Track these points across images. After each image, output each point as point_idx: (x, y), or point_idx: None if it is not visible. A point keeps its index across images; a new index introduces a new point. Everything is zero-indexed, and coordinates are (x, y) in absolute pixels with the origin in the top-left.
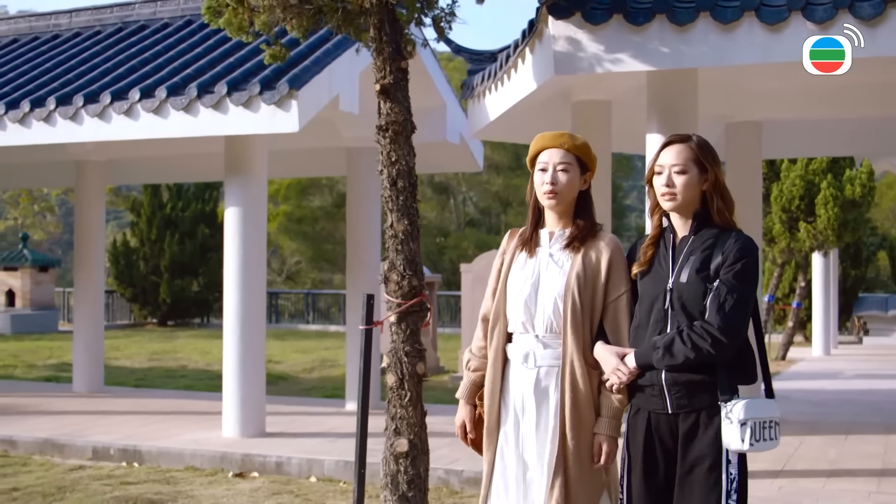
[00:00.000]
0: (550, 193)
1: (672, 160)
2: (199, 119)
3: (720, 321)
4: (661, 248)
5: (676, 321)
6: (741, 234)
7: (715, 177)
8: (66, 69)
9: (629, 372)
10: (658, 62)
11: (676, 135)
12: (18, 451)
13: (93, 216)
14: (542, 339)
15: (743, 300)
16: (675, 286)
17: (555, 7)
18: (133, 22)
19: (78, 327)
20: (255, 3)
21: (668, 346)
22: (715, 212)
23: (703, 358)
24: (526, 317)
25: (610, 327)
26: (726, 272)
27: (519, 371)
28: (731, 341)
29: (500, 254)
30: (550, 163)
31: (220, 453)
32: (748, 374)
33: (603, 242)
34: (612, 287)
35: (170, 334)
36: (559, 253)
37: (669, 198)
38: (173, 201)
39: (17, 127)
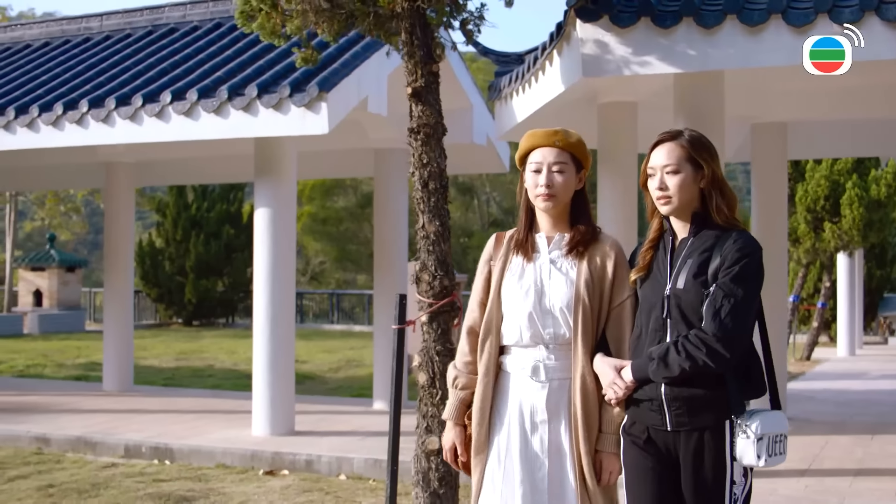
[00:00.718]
0: (546, 196)
1: (663, 160)
2: (229, 121)
3: (716, 329)
4: (661, 251)
5: (676, 330)
6: (742, 233)
7: (712, 173)
8: (98, 72)
9: (626, 386)
10: (685, 64)
11: (665, 133)
12: (52, 448)
13: (122, 217)
14: (553, 350)
15: (741, 305)
16: (672, 292)
17: (583, 10)
18: (163, 25)
19: (108, 327)
20: (287, 7)
21: (662, 357)
22: (714, 210)
23: (699, 369)
24: (532, 328)
25: (612, 335)
26: (724, 275)
27: (526, 386)
28: (729, 351)
29: (485, 261)
30: (545, 163)
31: (250, 451)
32: (756, 387)
33: (606, 246)
34: (616, 292)
35: (195, 334)
36: (562, 259)
37: (665, 201)
38: (199, 202)
39: (50, 129)
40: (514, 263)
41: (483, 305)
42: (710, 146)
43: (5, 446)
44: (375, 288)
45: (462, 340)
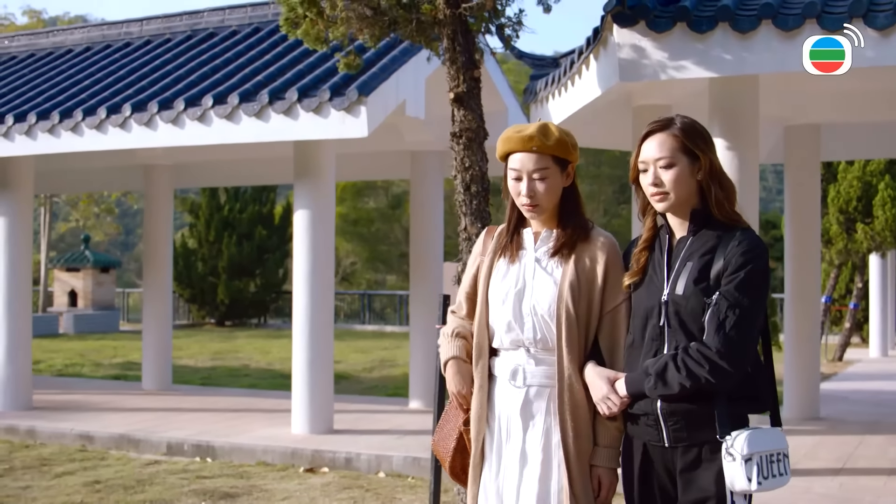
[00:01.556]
0: (529, 207)
1: (656, 153)
2: (270, 124)
3: (720, 344)
4: (656, 252)
5: (674, 340)
6: (747, 232)
7: (710, 163)
8: (140, 76)
9: (619, 401)
10: (721, 69)
11: (656, 122)
12: (96, 445)
13: (160, 219)
14: (534, 355)
15: (747, 317)
16: (670, 298)
17: (620, 16)
18: (202, 30)
19: (146, 327)
20: (331, 14)
21: (660, 373)
22: (714, 204)
23: (701, 387)
24: (513, 332)
25: (606, 342)
26: (728, 282)
27: (505, 390)
28: (734, 367)
29: (476, 254)
30: (524, 171)
31: (290, 449)
32: (759, 400)
33: (597, 244)
34: (609, 296)
35: (228, 334)
36: (547, 259)
37: (660, 198)
38: (231, 203)
39: (94, 133)
40: (500, 263)
41: (469, 298)
42: (705, 133)
43: (50, 443)
44: (411, 289)
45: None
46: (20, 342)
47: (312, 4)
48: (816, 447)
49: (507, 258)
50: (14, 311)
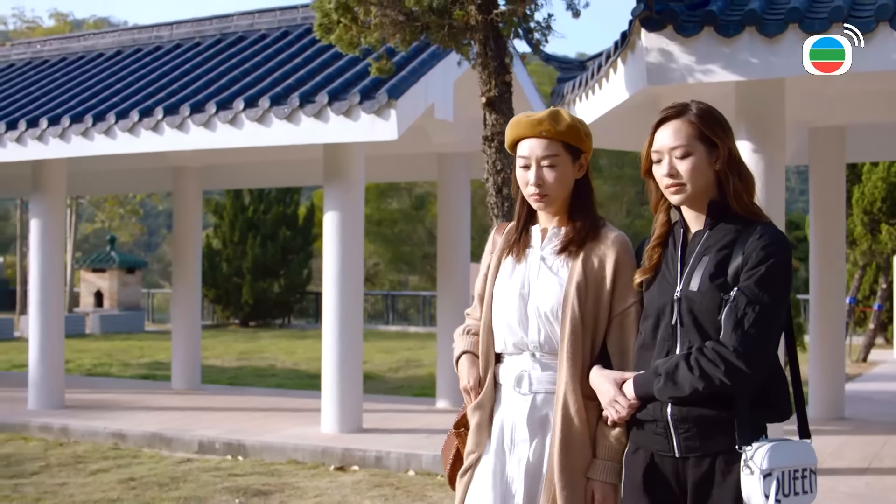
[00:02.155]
0: (537, 196)
1: (671, 142)
2: (300, 127)
3: (737, 343)
4: (670, 247)
5: (687, 340)
6: (768, 226)
7: (728, 152)
8: (171, 80)
9: (628, 404)
10: (748, 72)
11: (670, 108)
12: (128, 444)
13: (189, 220)
14: (540, 359)
15: (768, 314)
16: (683, 295)
17: (648, 20)
18: (231, 33)
19: (176, 327)
20: (364, 19)
21: (671, 373)
22: (732, 195)
23: (715, 389)
24: (517, 334)
25: (614, 347)
26: (747, 278)
27: (510, 397)
28: (753, 368)
29: (488, 251)
30: (532, 157)
31: (321, 448)
32: (780, 409)
33: (607, 242)
34: (619, 297)
35: (252, 335)
36: (553, 257)
37: (676, 189)
38: (255, 204)
39: (127, 136)
40: (507, 261)
41: (482, 299)
42: (723, 119)
43: (84, 441)
44: (438, 290)
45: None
46: (53, 342)
47: (347, 11)
48: (842, 447)
49: (515, 256)
50: (47, 311)
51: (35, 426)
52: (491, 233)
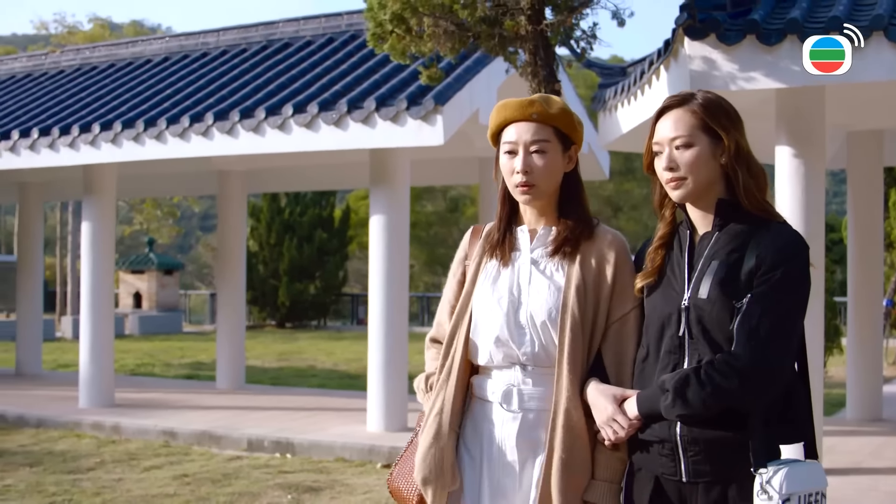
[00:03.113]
0: (524, 187)
1: (671, 132)
2: (348, 133)
3: (752, 354)
4: (675, 251)
5: (696, 352)
6: (784, 226)
7: (735, 144)
8: (219, 86)
9: (629, 424)
10: (789, 80)
11: (673, 97)
12: (178, 441)
13: (235, 223)
14: (531, 373)
15: (786, 323)
16: (692, 303)
17: (691, 29)
18: (277, 40)
19: (221, 328)
20: (416, 28)
21: (679, 389)
22: (741, 191)
23: (730, 406)
24: (506, 346)
25: (611, 357)
26: (761, 283)
27: (497, 416)
28: (771, 382)
29: (459, 260)
30: (520, 143)
31: (367, 446)
32: (798, 428)
33: (604, 242)
34: (617, 302)
35: (290, 336)
36: (546, 260)
37: (676, 184)
38: (291, 206)
39: (177, 141)
40: (489, 266)
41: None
42: (731, 109)
43: (135, 439)
44: None
45: (427, 349)
46: (103, 342)
47: (401, 22)
48: (881, 447)
49: (498, 260)
50: (98, 312)
51: (87, 424)
52: (465, 236)
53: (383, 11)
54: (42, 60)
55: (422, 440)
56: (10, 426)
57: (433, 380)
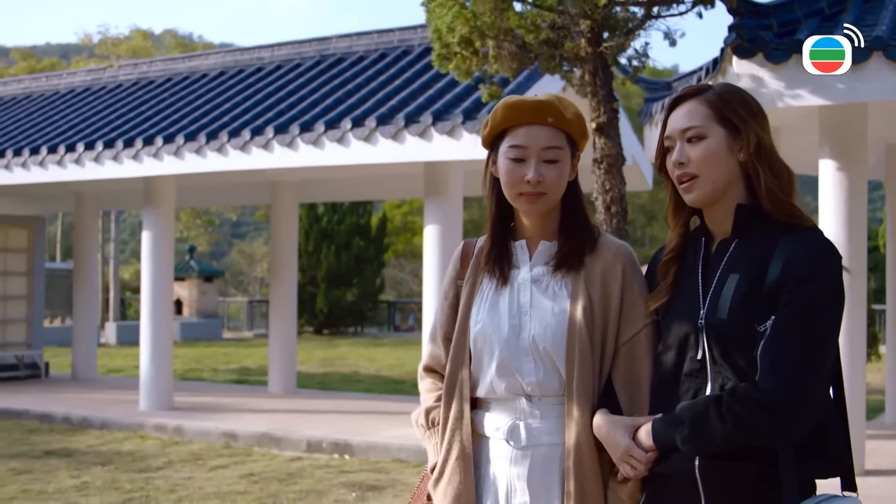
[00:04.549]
0: (534, 196)
1: (683, 123)
2: (405, 146)
3: (779, 385)
4: (689, 263)
5: (720, 377)
6: (813, 232)
7: (757, 140)
8: (277, 100)
9: (646, 458)
10: (834, 97)
11: (688, 87)
12: (239, 443)
13: (286, 231)
14: (538, 404)
15: (817, 347)
16: (709, 322)
17: (739, 48)
18: (330, 55)
19: (273, 333)
20: (480, 48)
21: (697, 421)
22: (763, 193)
23: (752, 440)
24: (507, 376)
25: (622, 382)
26: (789, 301)
27: (502, 453)
28: (800, 415)
29: (450, 280)
30: (533, 148)
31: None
32: (837, 461)
33: (609, 255)
34: (627, 321)
35: (329, 342)
36: (548, 276)
37: (688, 184)
38: (329, 214)
39: (238, 153)
40: (484, 285)
41: (449, 340)
42: (753, 102)
43: (197, 441)
44: None
45: (421, 379)
46: (163, 347)
47: (469, 45)
48: None
49: (495, 279)
50: (158, 318)
51: (150, 426)
52: (455, 254)
53: (451, 34)
54: (100, 74)
55: (446, 489)
56: (76, 428)
57: (434, 415)
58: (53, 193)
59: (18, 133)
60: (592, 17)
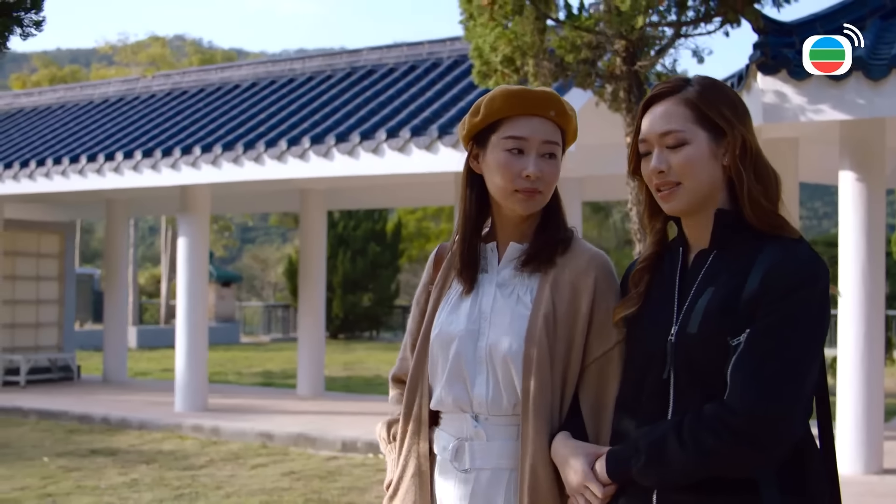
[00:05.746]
0: (531, 193)
1: (660, 126)
2: (438, 156)
3: (750, 406)
4: (666, 273)
5: (683, 400)
6: (798, 243)
7: (742, 142)
8: (311, 111)
9: (602, 492)
10: (854, 112)
11: (665, 83)
12: (275, 443)
13: (315, 238)
14: (485, 424)
15: (794, 365)
16: (679, 339)
17: (764, 65)
18: (361, 67)
19: (302, 337)
20: (522, 65)
21: (655, 450)
22: (745, 200)
23: (718, 470)
24: (457, 387)
25: (590, 404)
26: (767, 313)
27: (446, 473)
28: (773, 442)
29: (423, 285)
30: (534, 141)
31: None
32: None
33: (582, 261)
34: (598, 336)
35: (346, 347)
36: (513, 280)
37: (668, 193)
38: (345, 220)
39: (275, 163)
40: (451, 290)
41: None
42: (736, 99)
43: (234, 441)
44: None
45: (391, 388)
46: (198, 350)
47: (510, 63)
48: None
49: (463, 283)
50: (193, 322)
51: (188, 426)
52: (430, 258)
53: (494, 54)
54: (134, 85)
55: None
56: (114, 428)
57: (396, 428)
58: (85, 200)
59: (56, 142)
60: (628, 37)
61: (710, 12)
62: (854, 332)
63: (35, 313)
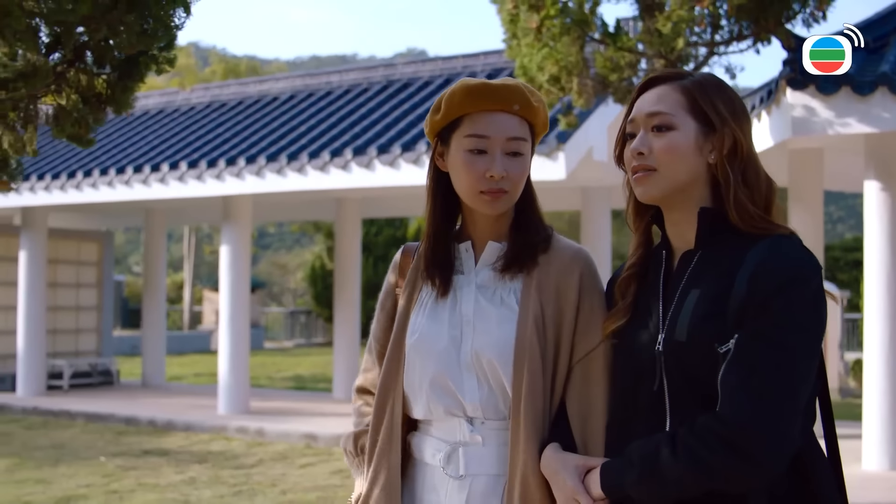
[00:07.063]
0: (497, 194)
1: (649, 107)
2: None
3: (742, 416)
4: (651, 278)
5: (680, 412)
6: (787, 239)
7: (733, 141)
8: (350, 123)
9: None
10: (880, 125)
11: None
12: (319, 444)
13: (350, 245)
14: (480, 428)
15: (787, 373)
16: (667, 346)
17: (793, 80)
18: (397, 80)
19: (338, 342)
20: (567, 86)
21: (649, 463)
22: (731, 203)
23: (712, 483)
24: (445, 395)
25: (576, 407)
26: (756, 316)
27: (438, 481)
28: (768, 453)
29: (387, 291)
30: (497, 139)
31: None
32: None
33: (565, 258)
34: (583, 334)
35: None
36: (495, 283)
37: (642, 175)
38: (367, 227)
39: (318, 174)
40: (424, 294)
41: (384, 357)
42: (735, 98)
43: (278, 442)
44: None
45: (355, 398)
46: (240, 355)
47: (556, 81)
48: None
49: (436, 287)
50: (235, 327)
51: (232, 428)
52: (394, 259)
53: (541, 73)
54: (174, 97)
55: None
56: (161, 430)
57: (364, 440)
58: (124, 209)
59: (101, 153)
60: (667, 57)
61: (742, 32)
62: (879, 334)
63: (75, 319)
